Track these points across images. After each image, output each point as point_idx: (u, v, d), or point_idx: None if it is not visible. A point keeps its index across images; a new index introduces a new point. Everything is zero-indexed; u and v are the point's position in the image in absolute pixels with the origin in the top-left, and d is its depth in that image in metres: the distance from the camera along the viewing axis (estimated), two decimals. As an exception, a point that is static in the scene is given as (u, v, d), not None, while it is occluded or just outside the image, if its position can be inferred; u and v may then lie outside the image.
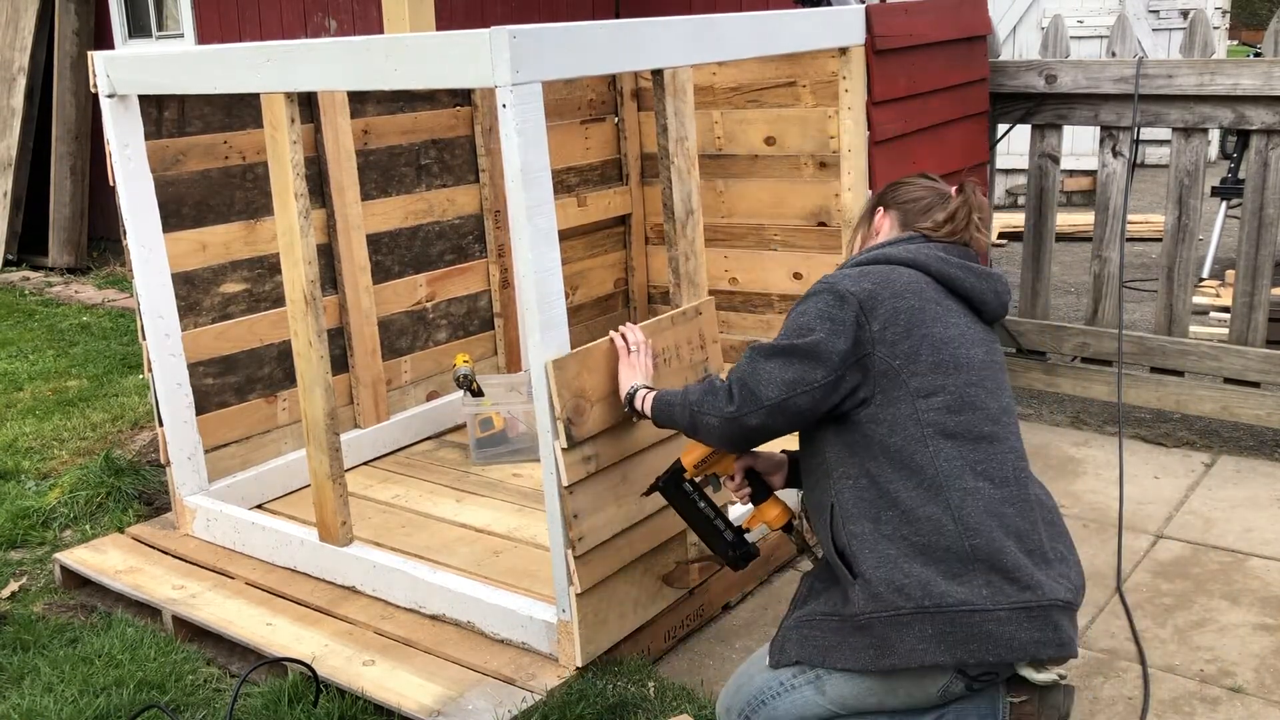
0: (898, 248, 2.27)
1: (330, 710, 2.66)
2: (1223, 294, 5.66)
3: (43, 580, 3.51)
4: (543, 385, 2.55)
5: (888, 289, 2.16)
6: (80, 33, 7.96)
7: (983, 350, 2.19)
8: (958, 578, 1.98)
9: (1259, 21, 23.26)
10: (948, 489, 2.03)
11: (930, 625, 1.97)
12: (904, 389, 2.09)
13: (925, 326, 2.13)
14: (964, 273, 2.23)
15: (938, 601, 1.97)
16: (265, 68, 2.88)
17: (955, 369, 2.12)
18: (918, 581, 1.99)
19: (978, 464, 2.06)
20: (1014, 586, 1.98)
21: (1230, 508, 3.61)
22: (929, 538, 2.01)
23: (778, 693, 2.14)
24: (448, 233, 4.41)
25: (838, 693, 2.09)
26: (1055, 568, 2.06)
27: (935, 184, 2.40)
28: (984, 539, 2.00)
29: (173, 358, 3.49)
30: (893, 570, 2.01)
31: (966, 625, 1.96)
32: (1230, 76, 3.87)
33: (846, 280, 2.18)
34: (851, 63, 3.59)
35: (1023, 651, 1.97)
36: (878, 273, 2.20)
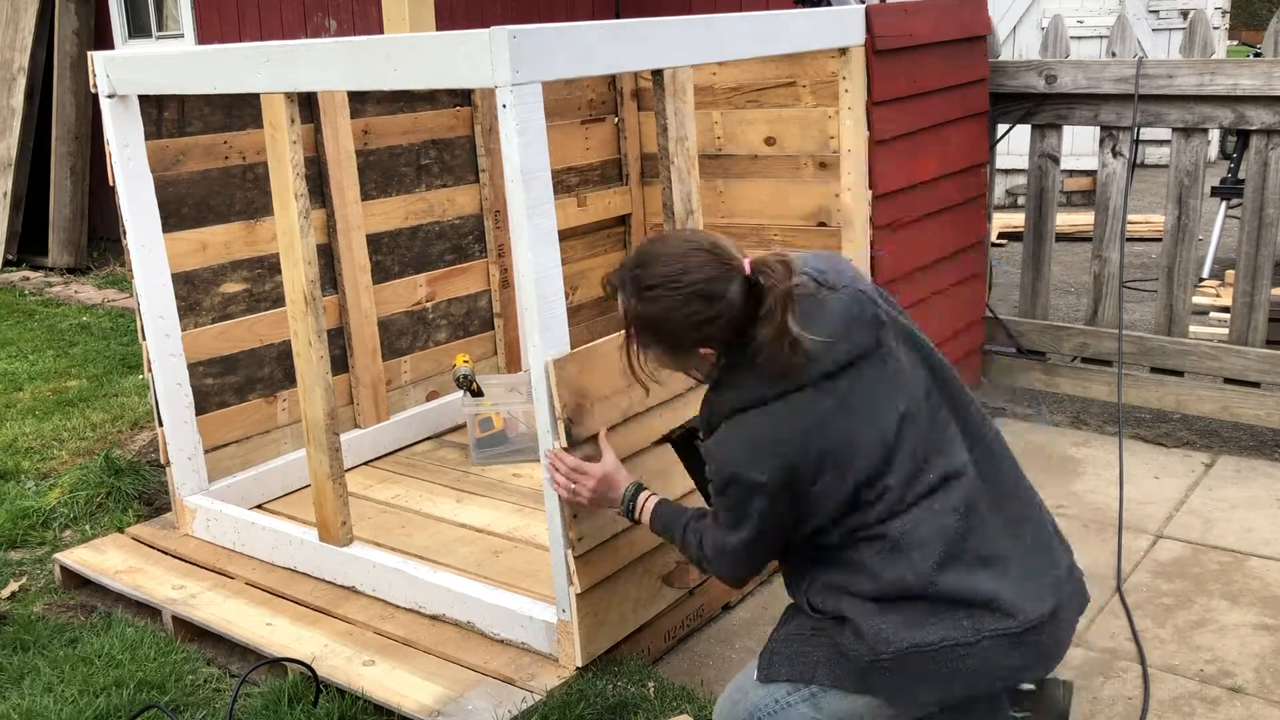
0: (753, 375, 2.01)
1: (330, 710, 2.66)
2: (1223, 294, 5.66)
3: (43, 580, 3.51)
4: (543, 385, 2.55)
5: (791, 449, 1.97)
6: (80, 33, 7.96)
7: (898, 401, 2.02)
8: (931, 621, 1.97)
9: (1259, 21, 23.26)
10: (907, 548, 1.98)
11: (917, 665, 1.97)
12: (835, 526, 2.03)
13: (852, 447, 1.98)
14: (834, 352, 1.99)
15: (916, 642, 1.96)
16: (265, 68, 2.88)
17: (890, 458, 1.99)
18: (894, 625, 1.97)
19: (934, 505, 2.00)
20: (994, 615, 1.96)
21: (1230, 508, 3.61)
22: (898, 594, 1.99)
23: (773, 710, 2.13)
24: (448, 233, 4.41)
25: (833, 710, 2.08)
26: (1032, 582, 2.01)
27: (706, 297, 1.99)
28: (950, 578, 1.97)
29: (173, 358, 3.49)
30: (873, 618, 1.99)
31: (950, 661, 1.96)
32: (1230, 76, 3.87)
33: (743, 459, 2.01)
34: (851, 63, 3.59)
35: (1009, 678, 1.98)
36: (764, 432, 2.00)
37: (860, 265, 3.77)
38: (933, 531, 1.98)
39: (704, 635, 3.03)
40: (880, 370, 2.04)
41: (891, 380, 2.04)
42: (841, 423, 1.99)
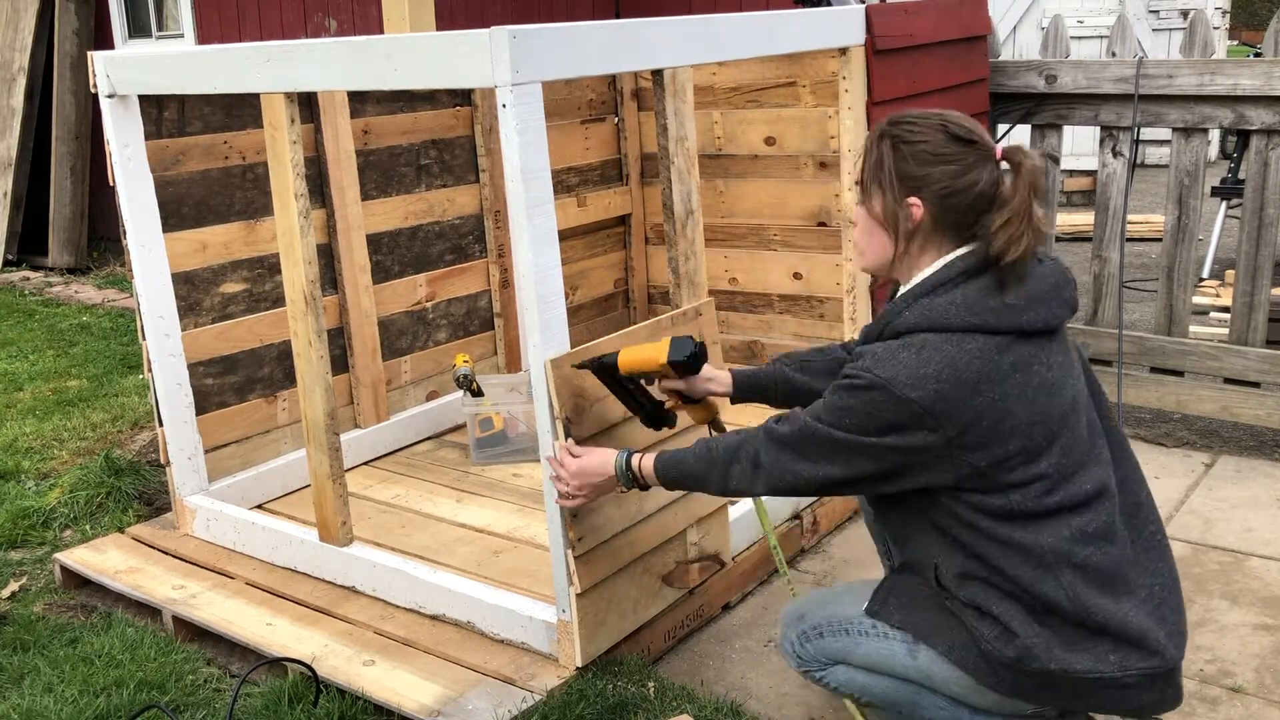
0: (952, 300, 1.90)
1: (330, 710, 2.66)
2: (1223, 294, 5.66)
3: (43, 580, 3.51)
4: (542, 385, 2.55)
5: (961, 385, 1.85)
6: (80, 33, 7.96)
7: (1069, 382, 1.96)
8: (1082, 648, 1.91)
9: (1259, 21, 23.26)
10: (1057, 567, 1.91)
11: (1056, 685, 1.92)
12: (993, 484, 1.90)
13: (1012, 417, 1.87)
14: (1033, 314, 1.91)
15: (1065, 668, 1.90)
16: (265, 68, 2.88)
17: (1047, 446, 1.90)
18: (1045, 643, 1.91)
19: (1085, 526, 1.92)
20: (1141, 653, 1.91)
21: (1230, 508, 3.61)
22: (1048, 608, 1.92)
23: (867, 632, 2.06)
24: (448, 233, 4.41)
25: (929, 668, 2.01)
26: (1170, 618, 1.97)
27: (970, 146, 1.91)
28: (1104, 614, 1.91)
29: (173, 358, 3.49)
30: (1027, 628, 1.92)
31: (1091, 690, 1.92)
32: (1230, 76, 3.87)
33: (904, 377, 1.85)
34: (851, 63, 3.59)
35: (1142, 712, 1.96)
36: (942, 361, 1.85)
37: (860, 265, 3.77)
38: (1084, 557, 1.92)
39: (704, 635, 3.03)
40: (1063, 352, 1.96)
41: (1068, 366, 1.97)
42: (1014, 387, 1.87)
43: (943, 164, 1.91)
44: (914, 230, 1.96)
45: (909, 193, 1.94)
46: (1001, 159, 1.93)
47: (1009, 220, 1.88)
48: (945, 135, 1.93)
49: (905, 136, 1.95)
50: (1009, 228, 1.88)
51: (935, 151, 1.92)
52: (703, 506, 2.99)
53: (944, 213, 1.93)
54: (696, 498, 2.95)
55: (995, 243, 1.89)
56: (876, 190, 1.99)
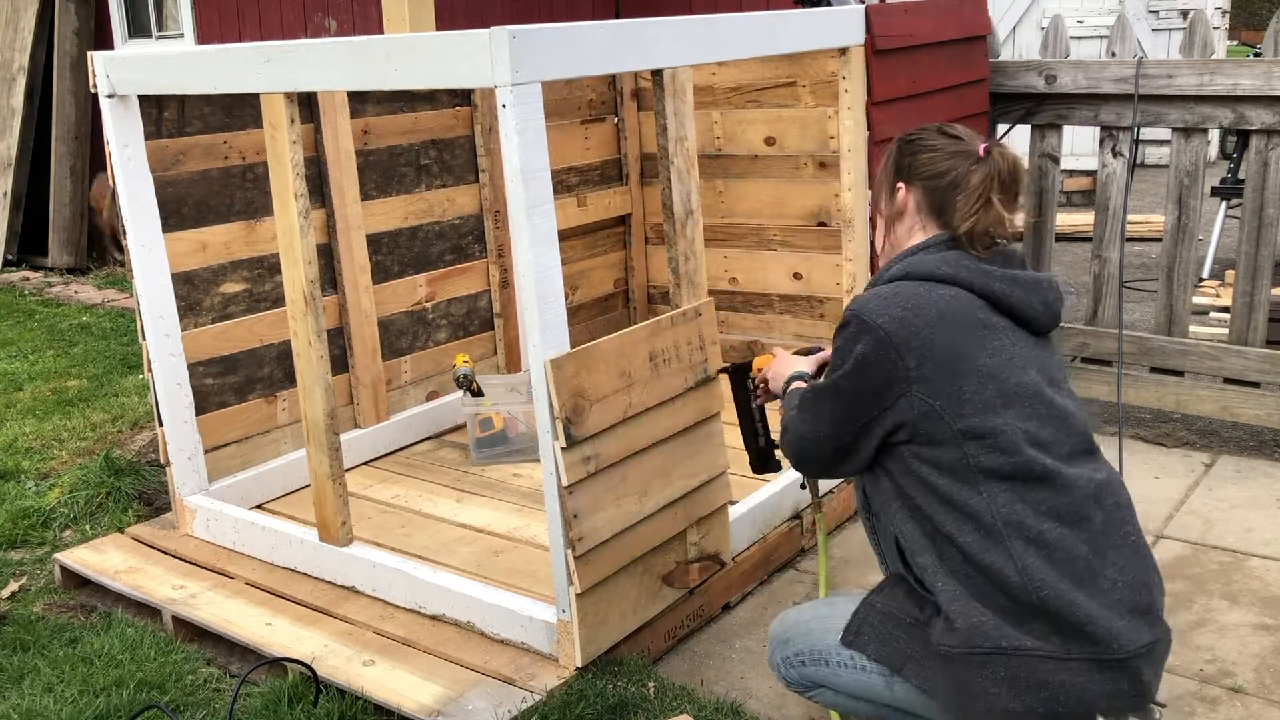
0: (932, 255, 2.07)
1: (330, 710, 2.66)
2: (1223, 294, 5.66)
3: (43, 580, 3.51)
4: (542, 385, 2.55)
5: (921, 317, 1.98)
6: (80, 33, 7.96)
7: (1034, 372, 2.02)
8: (1027, 626, 1.91)
9: (1259, 21, 23.26)
10: (1008, 538, 1.93)
11: (1004, 668, 1.91)
12: (948, 430, 1.96)
13: (967, 360, 1.97)
14: (1009, 286, 2.04)
15: (1014, 644, 1.91)
16: (265, 68, 2.88)
17: (1005, 404, 1.96)
18: (993, 622, 1.92)
19: (1040, 503, 1.95)
20: (1087, 640, 1.90)
21: (1230, 508, 3.61)
22: (994, 584, 1.93)
23: (846, 664, 2.11)
24: (448, 233, 4.41)
25: (906, 697, 2.06)
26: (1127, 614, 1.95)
27: (958, 142, 2.13)
28: (1051, 591, 1.90)
29: (173, 358, 3.49)
30: (967, 606, 1.95)
31: (1040, 672, 1.90)
32: (1230, 76, 3.87)
33: (874, 306, 2.01)
34: (851, 63, 3.59)
35: (1095, 705, 1.90)
36: (911, 295, 2.01)
37: (860, 265, 3.77)
38: (1038, 532, 1.93)
39: (704, 635, 3.03)
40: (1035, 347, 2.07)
41: (1040, 363, 2.06)
42: (974, 338, 1.99)
43: (927, 153, 2.15)
44: (900, 213, 2.19)
45: (898, 180, 2.19)
46: (981, 156, 2.11)
47: (965, 196, 2.08)
48: (938, 133, 2.17)
49: (907, 137, 2.22)
50: (964, 204, 2.08)
51: (925, 144, 2.16)
52: (703, 506, 2.99)
53: (926, 195, 2.14)
54: (697, 499, 2.95)
55: (954, 217, 2.10)
56: (881, 188, 2.25)
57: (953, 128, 2.17)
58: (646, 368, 2.77)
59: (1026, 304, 2.05)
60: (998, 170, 2.08)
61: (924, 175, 2.14)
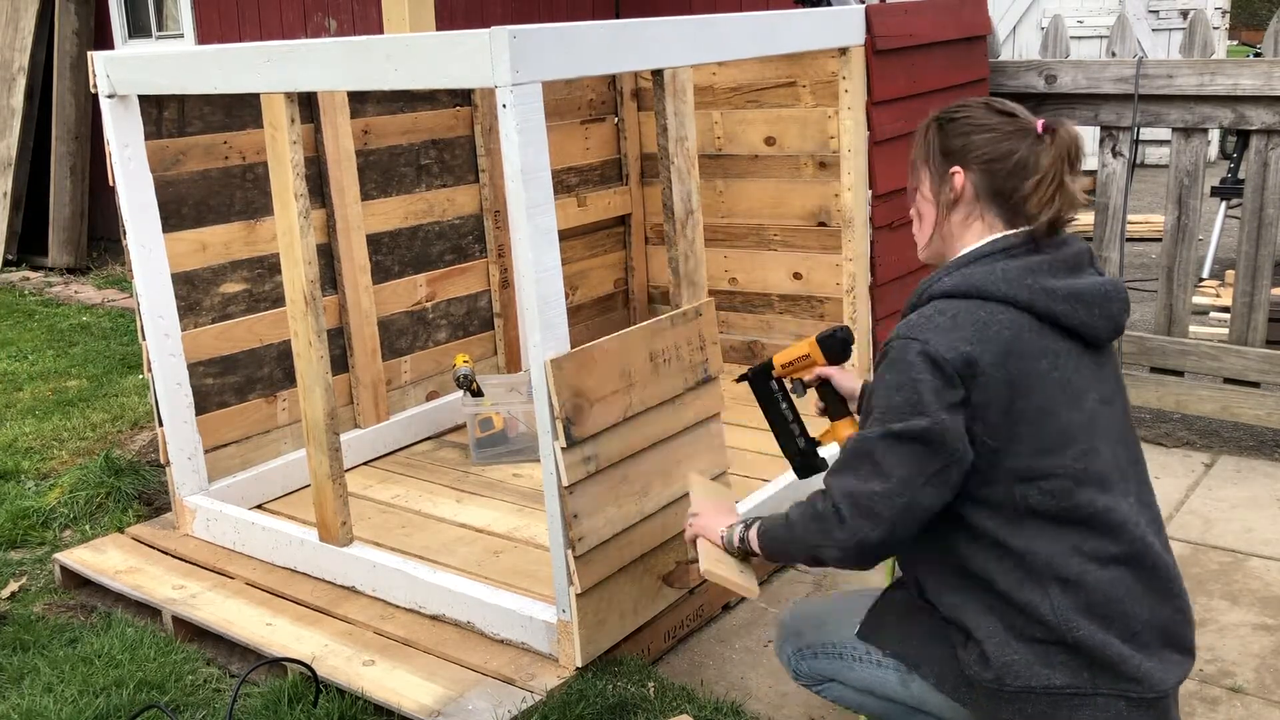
0: (992, 270, 1.89)
1: (330, 710, 2.66)
2: (1223, 294, 5.66)
3: (43, 580, 3.51)
4: (543, 385, 2.55)
5: (987, 351, 1.83)
6: (80, 33, 7.96)
7: (1092, 396, 1.92)
8: (1057, 663, 1.90)
9: (1259, 21, 23.26)
10: (1045, 578, 1.88)
11: (1031, 705, 1.90)
12: (1001, 470, 1.86)
13: (1028, 398, 1.85)
14: (1072, 306, 1.89)
15: (1044, 684, 1.89)
16: (265, 68, 2.88)
17: (1061, 445, 1.87)
18: (1025, 661, 1.89)
19: (1083, 544, 1.89)
20: (1118, 678, 1.88)
21: (1230, 508, 3.61)
22: (1028, 620, 1.90)
23: (861, 658, 2.08)
24: (448, 233, 4.42)
25: (921, 695, 2.03)
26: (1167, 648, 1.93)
27: (1014, 119, 1.95)
28: (1085, 632, 1.87)
29: (173, 358, 3.49)
30: (1001, 644, 1.91)
31: (1066, 709, 1.89)
32: (1230, 76, 3.87)
33: (938, 337, 1.84)
34: (851, 63, 3.59)
35: None
36: (972, 321, 1.85)
37: (860, 265, 3.77)
38: (1079, 574, 1.89)
39: (704, 635, 3.03)
40: (1096, 369, 1.95)
41: (1099, 385, 1.95)
42: (1038, 371, 1.86)
43: (983, 133, 1.95)
44: (956, 200, 1.98)
45: (951, 164, 1.97)
46: (1043, 132, 1.94)
47: (1039, 182, 1.91)
48: (986, 109, 1.98)
49: (949, 116, 2.01)
50: (1039, 190, 1.91)
51: (976, 123, 1.96)
52: (703, 506, 2.99)
53: (985, 179, 1.95)
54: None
55: (1028, 206, 1.92)
56: (924, 170, 2.03)
57: (999, 102, 2.00)
58: (647, 368, 2.77)
59: (1090, 324, 1.92)
60: (1065, 148, 1.92)
61: (984, 158, 1.94)
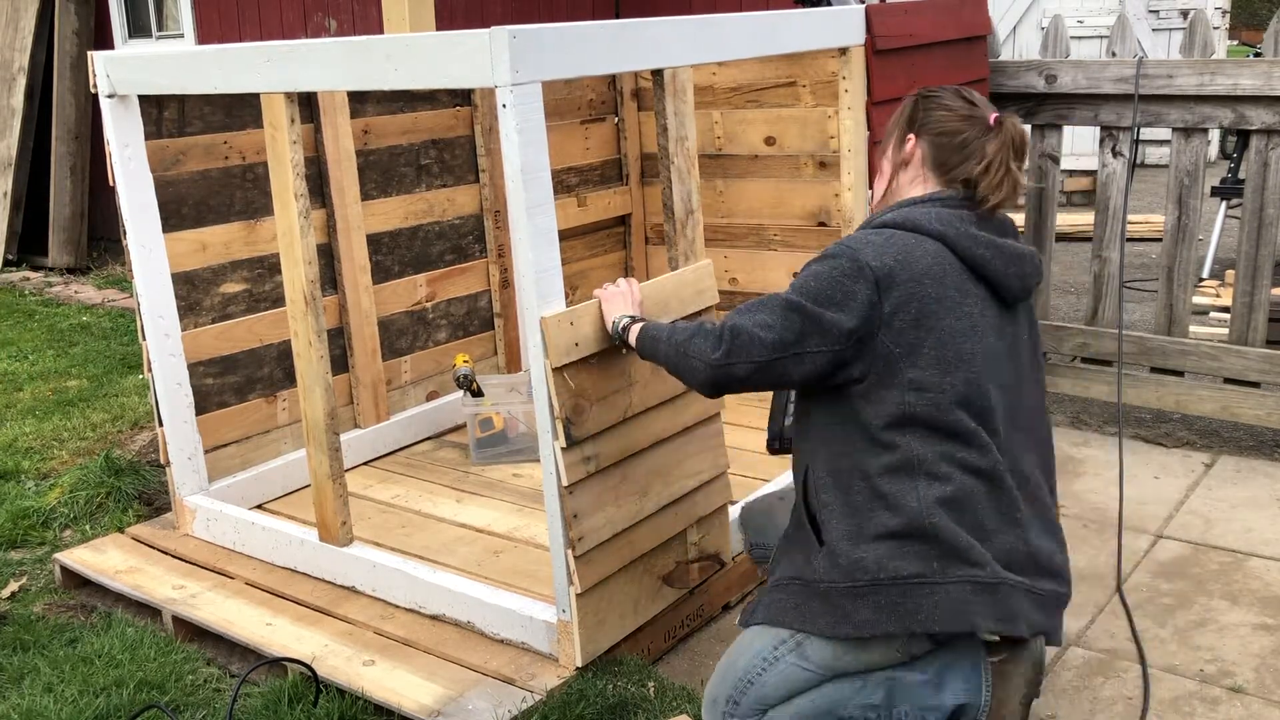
0: (928, 211, 2.13)
1: (330, 710, 2.66)
2: (1223, 294, 5.66)
3: (43, 580, 3.51)
4: (542, 385, 2.55)
5: (907, 270, 2.05)
6: (80, 33, 7.96)
7: (994, 338, 2.11)
8: (912, 553, 2.01)
9: (1259, 21, 23.27)
10: (917, 472, 2.03)
11: (883, 596, 2.01)
12: (899, 376, 2.04)
13: (936, 318, 2.05)
14: (991, 253, 2.11)
15: (891, 575, 2.01)
16: (265, 68, 2.88)
17: (956, 365, 2.05)
18: (874, 557, 2.02)
19: (954, 453, 2.04)
20: (966, 563, 2.01)
21: (1230, 508, 3.61)
22: (890, 510, 2.03)
23: (762, 669, 2.15)
24: (448, 233, 4.41)
25: (819, 657, 2.10)
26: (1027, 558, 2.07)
27: (972, 107, 2.21)
28: (942, 521, 2.01)
29: (173, 358, 3.49)
30: (854, 545, 2.04)
31: (916, 596, 2.00)
32: (1230, 76, 3.87)
33: (868, 248, 2.07)
34: (851, 63, 3.59)
35: (969, 622, 2.00)
36: (901, 244, 2.08)
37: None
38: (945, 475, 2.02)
39: (704, 635, 3.03)
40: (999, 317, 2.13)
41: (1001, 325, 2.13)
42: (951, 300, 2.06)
43: (942, 111, 2.21)
44: (905, 162, 2.24)
45: (909, 130, 2.25)
46: (993, 124, 2.18)
47: (989, 166, 2.14)
48: (955, 95, 2.23)
49: (926, 94, 2.27)
50: (989, 174, 2.15)
51: (941, 103, 2.22)
52: (703, 506, 2.99)
53: (932, 150, 2.20)
54: (697, 499, 2.95)
55: (980, 186, 2.15)
56: (894, 134, 2.29)
57: (969, 92, 2.24)
58: (647, 368, 2.77)
59: (1003, 274, 2.13)
60: (1011, 139, 2.17)
61: (935, 130, 2.20)
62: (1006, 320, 2.16)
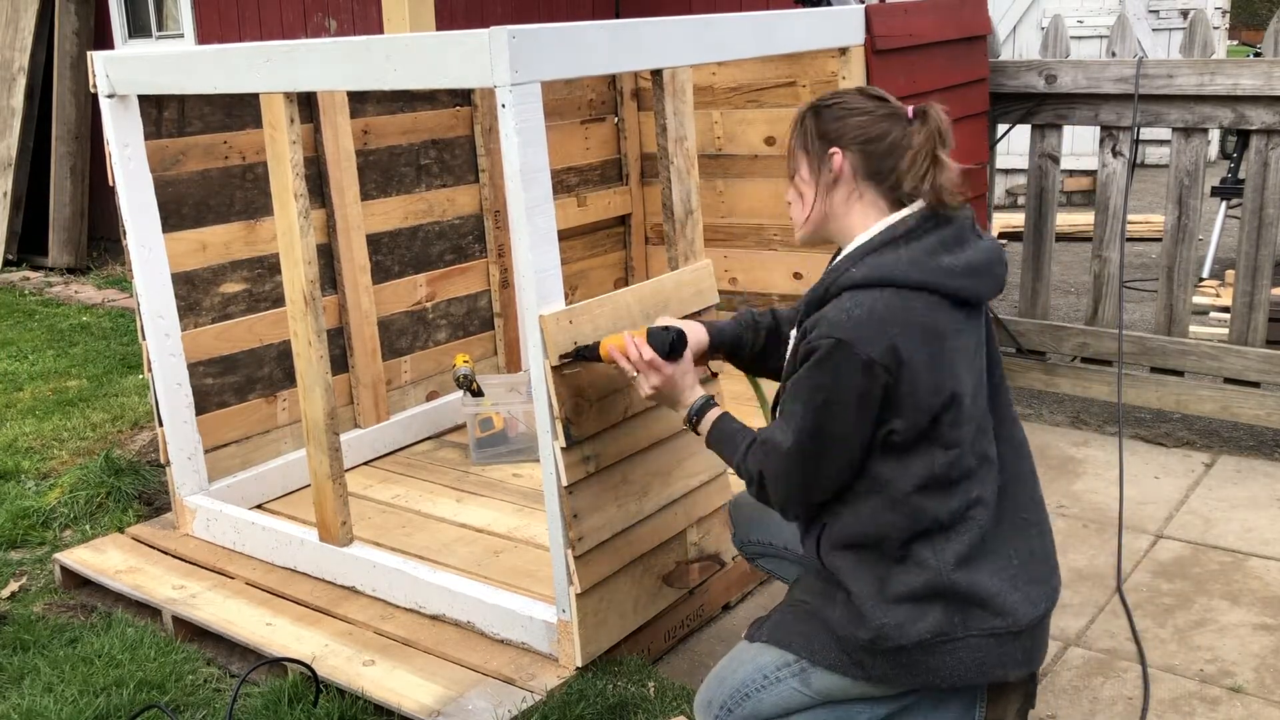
0: (898, 257, 1.99)
1: (330, 710, 2.66)
2: (1223, 294, 5.66)
3: (43, 580, 3.51)
4: (542, 385, 2.55)
5: (911, 338, 1.94)
6: (80, 33, 7.96)
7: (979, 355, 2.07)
8: (932, 612, 2.00)
9: (1259, 21, 23.27)
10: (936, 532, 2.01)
11: (905, 656, 2.02)
12: (927, 441, 2.00)
13: (939, 375, 1.97)
14: (968, 281, 2.00)
15: (915, 639, 2.00)
16: (265, 68, 2.88)
17: (968, 418, 2.01)
18: (896, 622, 2.00)
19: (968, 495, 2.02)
20: (985, 612, 2.00)
21: (1230, 508, 3.61)
22: (911, 574, 2.01)
23: (762, 686, 2.14)
24: (448, 233, 4.41)
25: (822, 686, 2.11)
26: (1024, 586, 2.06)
27: (886, 104, 2.08)
28: (963, 573, 2.00)
29: (173, 358, 3.49)
30: (877, 605, 2.02)
31: (938, 655, 2.01)
32: (1230, 76, 3.87)
33: (862, 335, 1.93)
34: (851, 63, 3.59)
35: (987, 674, 2.03)
36: (889, 314, 1.95)
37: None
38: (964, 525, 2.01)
39: (704, 635, 3.03)
40: (977, 330, 2.07)
41: (979, 345, 2.07)
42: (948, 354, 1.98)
43: (858, 115, 2.05)
44: (836, 179, 2.07)
45: (829, 145, 2.07)
46: (913, 116, 2.05)
47: (914, 158, 2.01)
48: (859, 94, 2.10)
49: (824, 103, 2.11)
50: (914, 165, 2.01)
51: (850, 106, 2.07)
52: (703, 506, 2.99)
53: (862, 159, 2.04)
54: (697, 499, 2.95)
55: (905, 183, 2.02)
56: (802, 155, 2.11)
57: (870, 89, 2.15)
58: (646, 368, 2.76)
59: (981, 291, 2.04)
60: (935, 127, 2.04)
61: (860, 139, 2.04)
62: (976, 321, 2.09)
